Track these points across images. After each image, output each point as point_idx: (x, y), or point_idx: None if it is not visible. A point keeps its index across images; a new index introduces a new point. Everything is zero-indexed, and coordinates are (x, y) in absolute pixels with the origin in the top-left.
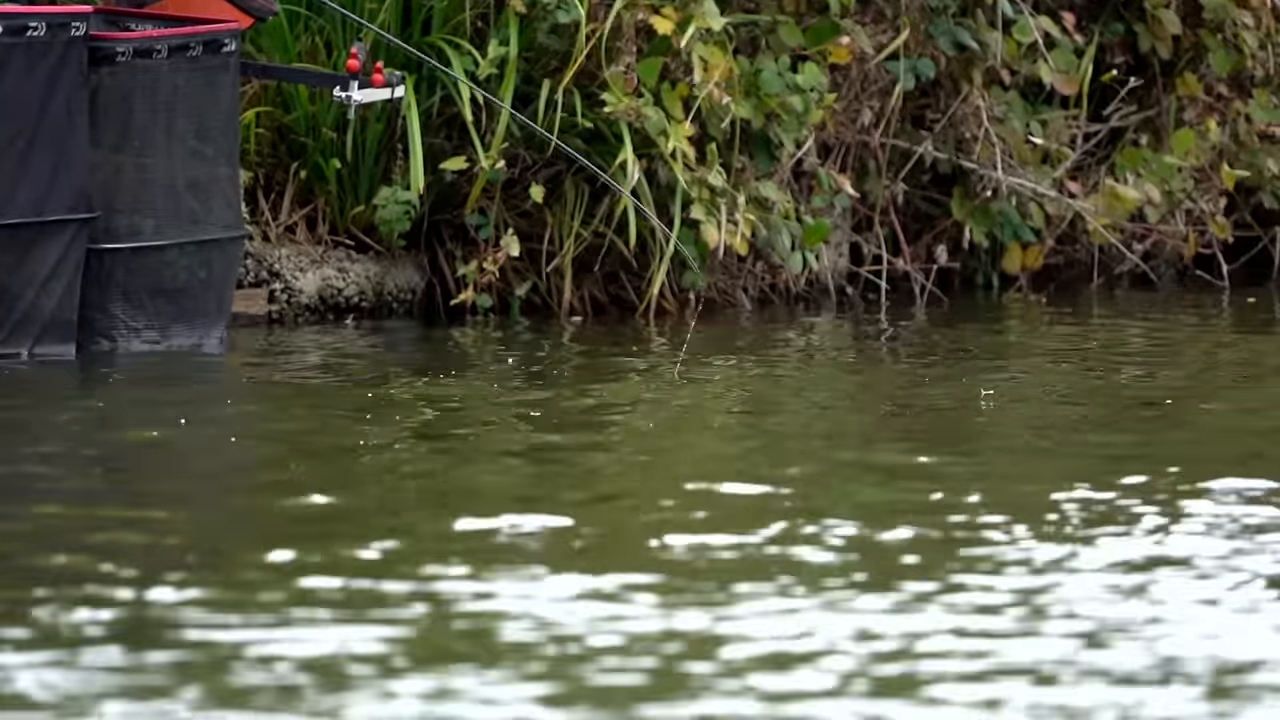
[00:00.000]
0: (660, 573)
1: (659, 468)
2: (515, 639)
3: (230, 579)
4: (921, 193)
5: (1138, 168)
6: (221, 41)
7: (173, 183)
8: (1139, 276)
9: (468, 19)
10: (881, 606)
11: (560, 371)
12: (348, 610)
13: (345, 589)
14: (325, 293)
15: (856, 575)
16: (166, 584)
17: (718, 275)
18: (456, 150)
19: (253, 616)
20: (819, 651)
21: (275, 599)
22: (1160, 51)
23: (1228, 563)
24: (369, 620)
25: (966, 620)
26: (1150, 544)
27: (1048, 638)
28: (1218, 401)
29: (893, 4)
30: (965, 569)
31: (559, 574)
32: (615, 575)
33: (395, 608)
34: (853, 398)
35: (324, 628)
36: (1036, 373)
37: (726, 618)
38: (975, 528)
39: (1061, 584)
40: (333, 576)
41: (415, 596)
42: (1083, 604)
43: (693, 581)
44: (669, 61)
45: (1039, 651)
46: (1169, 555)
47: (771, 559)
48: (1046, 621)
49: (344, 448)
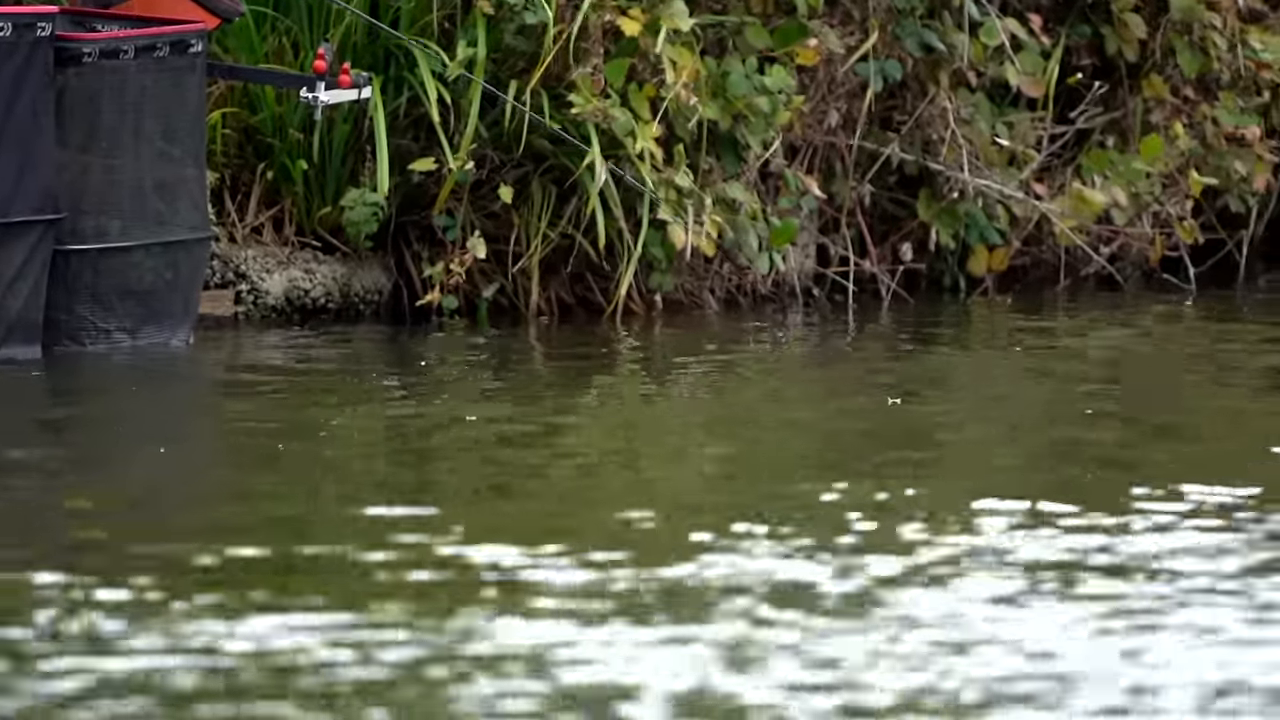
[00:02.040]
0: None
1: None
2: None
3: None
4: (888, 194)
5: (1104, 170)
6: (188, 42)
7: (140, 184)
8: (1105, 279)
9: (435, 20)
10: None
11: (523, 377)
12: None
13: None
14: (292, 294)
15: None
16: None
17: (685, 276)
18: (424, 151)
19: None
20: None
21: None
22: (1126, 54)
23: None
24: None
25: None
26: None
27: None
28: (1167, 408)
29: (860, 5)
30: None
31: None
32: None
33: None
34: (800, 427)
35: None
36: (993, 381)
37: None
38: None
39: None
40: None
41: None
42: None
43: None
44: (636, 63)
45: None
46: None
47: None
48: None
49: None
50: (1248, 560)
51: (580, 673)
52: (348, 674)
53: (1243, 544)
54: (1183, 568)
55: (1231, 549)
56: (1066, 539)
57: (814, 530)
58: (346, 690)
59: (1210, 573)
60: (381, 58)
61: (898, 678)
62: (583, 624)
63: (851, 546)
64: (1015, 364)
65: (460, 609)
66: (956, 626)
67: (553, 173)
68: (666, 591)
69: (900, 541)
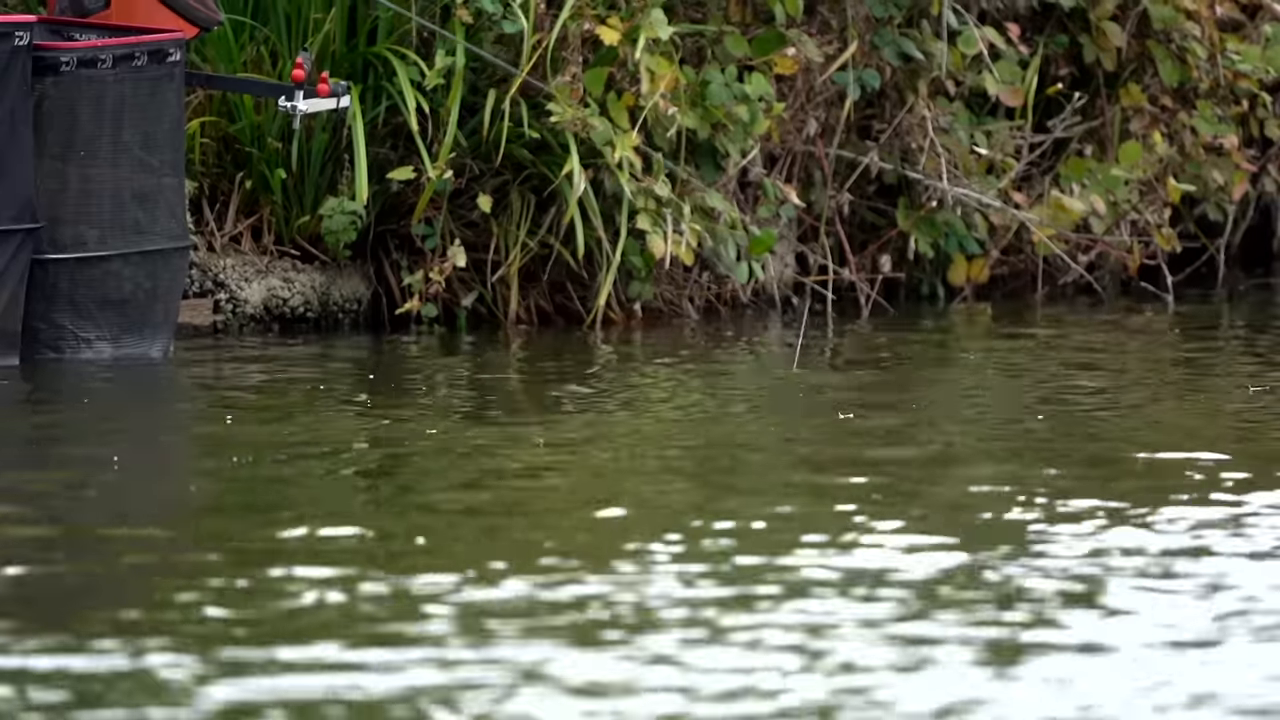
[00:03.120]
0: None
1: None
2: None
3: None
4: (867, 203)
5: (1082, 178)
6: (166, 51)
7: (118, 193)
8: (1084, 287)
9: (414, 29)
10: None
11: (499, 389)
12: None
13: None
14: (270, 303)
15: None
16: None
17: (664, 285)
18: (402, 160)
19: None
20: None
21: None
22: (1104, 63)
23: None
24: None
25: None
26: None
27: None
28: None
29: (838, 14)
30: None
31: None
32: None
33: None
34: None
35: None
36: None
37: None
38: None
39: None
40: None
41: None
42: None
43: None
44: (615, 72)
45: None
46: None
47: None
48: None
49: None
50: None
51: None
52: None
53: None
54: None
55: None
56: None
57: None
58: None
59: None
60: (360, 67)
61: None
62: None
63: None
64: (983, 377)
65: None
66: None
67: (531, 181)
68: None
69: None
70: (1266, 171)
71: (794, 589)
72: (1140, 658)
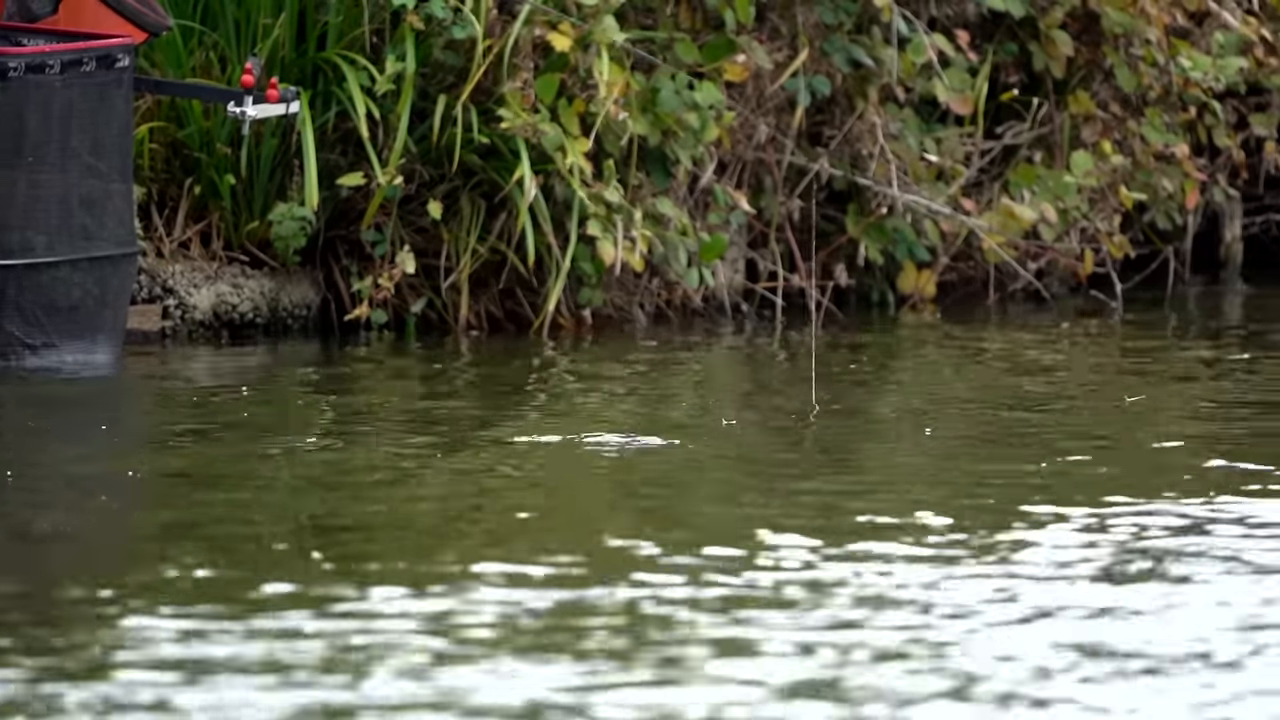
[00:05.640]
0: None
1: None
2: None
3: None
4: (818, 209)
5: (1032, 185)
6: (115, 57)
7: (66, 199)
8: (1034, 293)
9: (366, 34)
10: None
11: (450, 394)
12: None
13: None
14: (220, 309)
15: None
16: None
17: (614, 291)
18: (352, 166)
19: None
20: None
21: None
22: (1053, 70)
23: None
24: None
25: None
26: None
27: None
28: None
29: (789, 21)
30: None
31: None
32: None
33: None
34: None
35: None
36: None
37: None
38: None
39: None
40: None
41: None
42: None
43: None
44: (566, 78)
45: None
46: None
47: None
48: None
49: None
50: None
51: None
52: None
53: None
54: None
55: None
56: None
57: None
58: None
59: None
60: (309, 72)
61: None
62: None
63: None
64: (929, 385)
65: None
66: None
67: (482, 188)
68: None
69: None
70: (1215, 180)
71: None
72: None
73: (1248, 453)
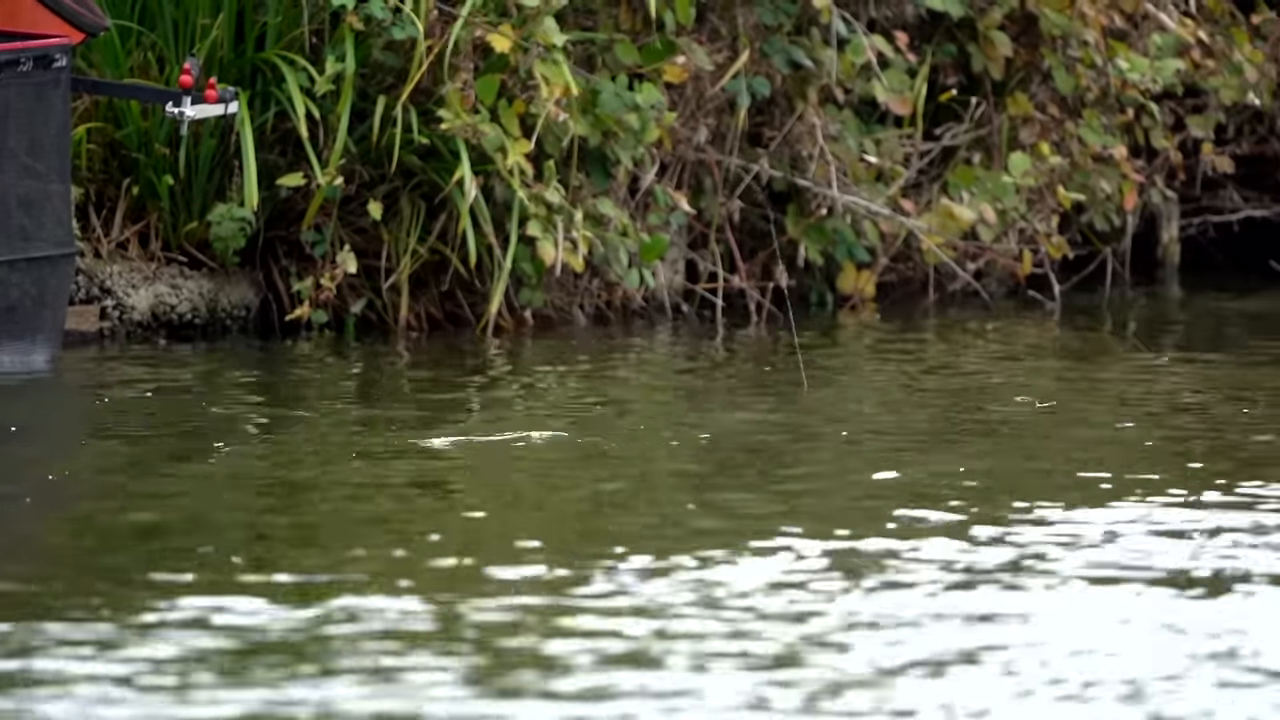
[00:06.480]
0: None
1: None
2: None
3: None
4: (758, 210)
5: (970, 186)
6: (52, 57)
7: (4, 199)
8: (973, 293)
9: (305, 34)
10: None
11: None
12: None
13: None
14: (158, 310)
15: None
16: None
17: (554, 292)
18: (291, 167)
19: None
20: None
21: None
22: (992, 72)
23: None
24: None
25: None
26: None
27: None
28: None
29: (728, 22)
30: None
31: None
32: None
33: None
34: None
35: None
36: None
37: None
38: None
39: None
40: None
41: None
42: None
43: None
44: (506, 79)
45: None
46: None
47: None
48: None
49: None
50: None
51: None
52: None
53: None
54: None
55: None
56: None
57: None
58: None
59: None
60: (248, 73)
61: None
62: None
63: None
64: (865, 387)
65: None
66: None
67: (422, 188)
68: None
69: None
70: (1153, 181)
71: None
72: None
73: (1142, 457)
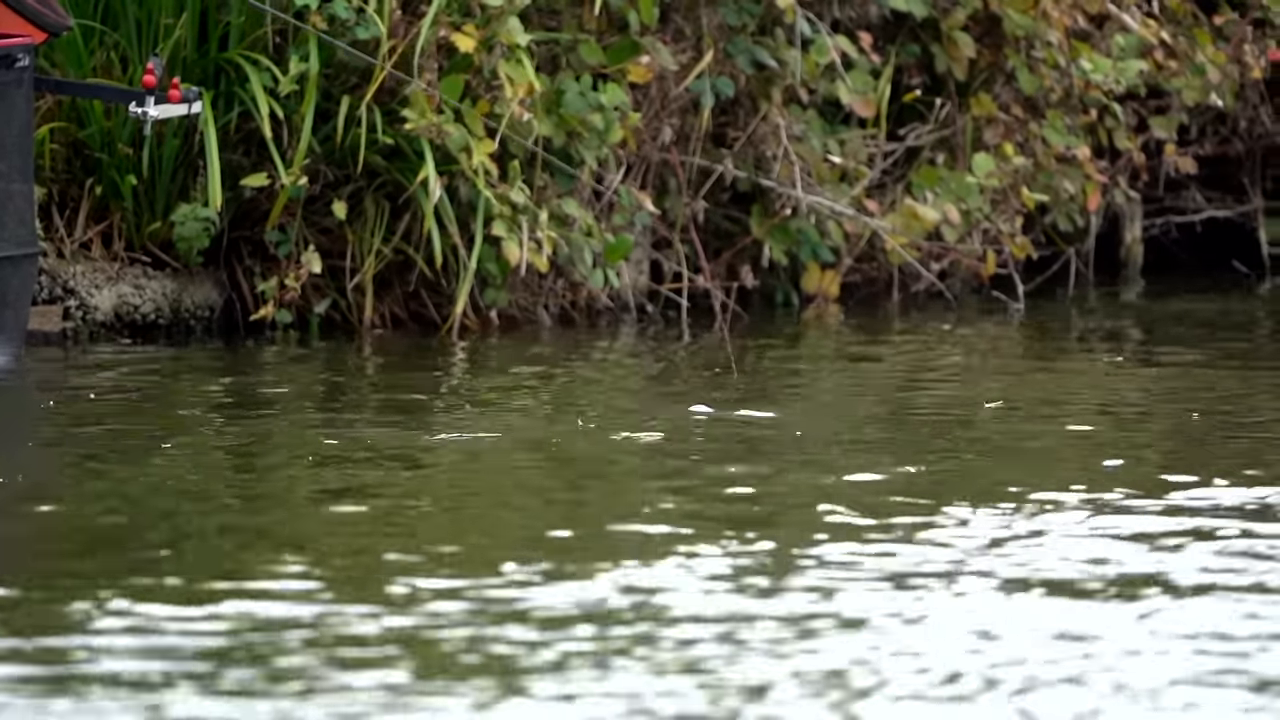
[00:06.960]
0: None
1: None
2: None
3: None
4: (722, 211)
5: (934, 187)
6: (14, 56)
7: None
8: (938, 294)
9: (269, 34)
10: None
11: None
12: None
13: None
14: (121, 310)
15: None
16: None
17: (519, 292)
18: (255, 167)
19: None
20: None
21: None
22: (955, 72)
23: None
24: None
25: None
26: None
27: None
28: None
29: (693, 22)
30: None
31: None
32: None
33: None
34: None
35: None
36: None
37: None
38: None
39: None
40: None
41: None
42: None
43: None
44: (470, 79)
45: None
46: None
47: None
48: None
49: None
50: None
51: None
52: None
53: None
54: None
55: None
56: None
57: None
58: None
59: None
60: (212, 72)
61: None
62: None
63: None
64: (822, 385)
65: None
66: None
67: (386, 188)
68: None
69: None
70: (1116, 182)
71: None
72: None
73: (1095, 457)
